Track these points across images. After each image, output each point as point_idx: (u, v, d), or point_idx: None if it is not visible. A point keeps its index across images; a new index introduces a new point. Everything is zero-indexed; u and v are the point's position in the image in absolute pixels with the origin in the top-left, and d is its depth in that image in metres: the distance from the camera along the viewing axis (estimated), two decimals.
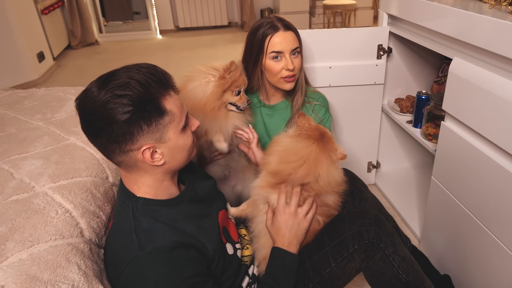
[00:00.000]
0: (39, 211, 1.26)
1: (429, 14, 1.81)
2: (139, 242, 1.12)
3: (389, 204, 2.60)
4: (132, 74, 1.09)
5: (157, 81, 1.12)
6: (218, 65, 1.65)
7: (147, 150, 1.14)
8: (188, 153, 1.26)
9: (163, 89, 1.14)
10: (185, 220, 1.24)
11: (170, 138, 1.17)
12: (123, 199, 1.23)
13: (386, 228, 1.41)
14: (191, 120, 1.27)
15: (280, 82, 1.80)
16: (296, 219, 1.42)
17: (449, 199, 1.78)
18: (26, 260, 1.08)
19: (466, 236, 1.72)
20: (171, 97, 1.15)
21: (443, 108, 1.72)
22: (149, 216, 1.19)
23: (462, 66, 1.59)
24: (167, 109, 1.13)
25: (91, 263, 1.17)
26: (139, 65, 1.15)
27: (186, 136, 1.22)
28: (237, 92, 1.66)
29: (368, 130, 2.59)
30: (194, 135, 1.29)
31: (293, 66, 1.75)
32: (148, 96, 1.09)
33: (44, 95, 2.37)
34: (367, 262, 1.40)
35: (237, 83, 1.64)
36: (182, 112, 1.20)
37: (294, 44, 1.76)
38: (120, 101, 1.05)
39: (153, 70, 1.13)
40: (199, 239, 1.23)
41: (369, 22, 7.10)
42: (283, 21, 1.78)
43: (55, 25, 6.11)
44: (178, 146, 1.20)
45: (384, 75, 2.38)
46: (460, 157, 1.66)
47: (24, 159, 1.58)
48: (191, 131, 1.25)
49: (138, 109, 1.07)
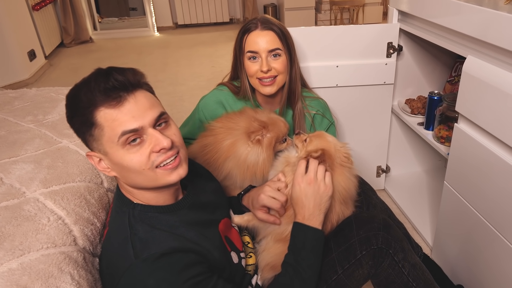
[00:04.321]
0: (30, 218, 1.26)
1: (441, 10, 1.82)
2: (135, 251, 1.12)
3: (399, 210, 2.60)
4: (89, 77, 1.10)
5: (104, 90, 1.06)
6: (252, 122, 1.59)
7: (93, 157, 1.15)
8: (145, 178, 1.15)
9: (108, 99, 1.06)
10: (186, 226, 1.23)
11: (107, 152, 1.11)
12: (119, 205, 1.23)
13: (395, 233, 1.40)
14: (155, 139, 1.12)
15: (258, 85, 1.79)
16: (316, 185, 1.37)
17: (463, 205, 1.78)
18: (16, 270, 1.08)
19: (481, 245, 1.72)
20: (113, 107, 1.06)
21: (457, 109, 1.72)
22: (147, 224, 1.18)
23: (477, 65, 1.59)
24: (97, 121, 1.07)
25: (85, 273, 1.17)
26: (102, 69, 1.11)
27: (134, 155, 1.10)
28: (284, 140, 1.64)
29: (377, 133, 2.59)
30: (164, 154, 1.14)
31: (267, 68, 1.72)
32: (77, 104, 1.09)
33: (36, 96, 2.37)
34: (375, 269, 1.39)
35: (283, 133, 1.61)
36: (122, 125, 1.07)
37: (271, 45, 1.73)
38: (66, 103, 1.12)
39: (105, 77, 1.06)
40: (202, 244, 1.22)
41: (378, 19, 7.11)
42: (266, 20, 1.75)
43: (47, 21, 6.14)
44: (123, 165, 1.12)
45: (394, 75, 2.38)
46: (475, 161, 1.66)
47: (14, 163, 1.58)
48: (154, 151, 1.12)
49: (70, 115, 1.11)
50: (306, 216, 1.36)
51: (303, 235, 1.36)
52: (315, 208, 1.36)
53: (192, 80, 5.15)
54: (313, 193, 1.36)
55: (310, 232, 1.36)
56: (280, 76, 1.78)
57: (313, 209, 1.36)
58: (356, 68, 2.32)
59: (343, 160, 1.47)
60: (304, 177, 1.37)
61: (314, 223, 1.36)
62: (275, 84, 1.78)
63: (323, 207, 1.38)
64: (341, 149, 1.49)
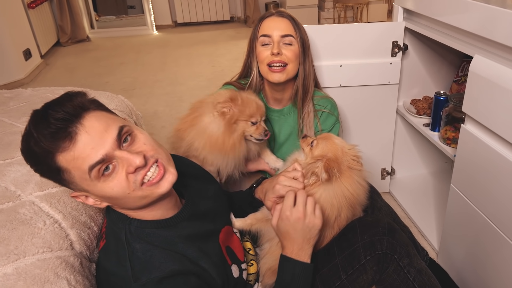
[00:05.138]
0: (26, 222, 1.26)
1: (448, 8, 1.82)
2: (133, 272, 1.10)
3: (405, 214, 2.60)
4: (29, 125, 1.04)
5: (50, 136, 0.99)
6: (224, 94, 1.67)
7: (79, 196, 1.12)
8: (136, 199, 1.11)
9: (58, 143, 1.00)
10: (184, 242, 1.21)
11: (88, 190, 1.08)
12: (115, 220, 1.20)
13: (401, 238, 1.40)
14: (125, 160, 1.07)
15: (267, 72, 1.81)
16: (306, 219, 1.33)
17: (470, 208, 1.78)
18: (11, 275, 1.08)
19: (488, 249, 1.72)
20: (67, 149, 1.00)
21: (463, 110, 1.72)
22: (144, 241, 1.16)
23: (484, 64, 1.59)
24: (60, 166, 1.02)
25: (81, 278, 1.17)
26: (38, 112, 1.05)
27: (112, 183, 1.06)
28: (253, 122, 1.68)
29: (381, 134, 2.59)
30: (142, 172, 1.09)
31: (277, 50, 1.76)
32: (34, 156, 1.03)
33: (31, 96, 2.38)
34: (380, 274, 1.39)
35: (251, 112, 1.66)
36: (86, 161, 1.02)
37: (285, 30, 1.79)
38: None
39: (44, 122, 1.00)
40: (201, 264, 1.20)
41: (383, 17, 7.12)
42: (283, 11, 1.84)
43: (43, 20, 6.14)
44: (107, 196, 1.09)
45: (399, 74, 2.38)
46: (482, 163, 1.65)
47: (9, 165, 1.58)
48: (130, 172, 1.07)
49: (34, 168, 1.06)
50: (295, 251, 1.34)
51: (291, 270, 1.34)
52: (304, 242, 1.34)
53: (192, 80, 5.15)
54: (302, 227, 1.33)
55: (299, 267, 1.34)
56: (291, 65, 1.80)
57: (302, 243, 1.34)
58: (360, 68, 2.32)
59: (351, 163, 1.45)
60: (293, 211, 1.33)
61: (303, 258, 1.34)
62: (284, 72, 1.80)
63: (313, 240, 1.36)
64: (349, 151, 1.47)
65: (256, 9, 7.34)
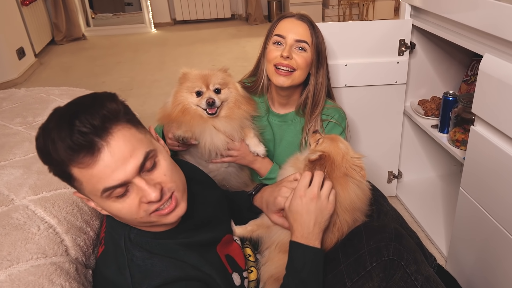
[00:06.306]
0: (19, 227, 1.26)
1: (457, 5, 1.81)
2: (133, 280, 1.10)
3: (412, 218, 2.59)
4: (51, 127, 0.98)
5: (70, 148, 0.94)
6: None
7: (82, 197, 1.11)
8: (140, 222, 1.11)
9: (78, 157, 0.96)
10: (185, 250, 1.21)
11: (94, 201, 1.08)
12: (115, 227, 1.20)
13: (408, 244, 1.39)
14: (142, 191, 1.04)
15: (273, 72, 1.81)
16: (319, 202, 1.34)
17: (480, 212, 1.77)
18: (4, 282, 1.08)
19: (499, 254, 1.72)
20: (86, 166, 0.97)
21: (473, 110, 1.72)
22: (144, 249, 1.16)
23: (494, 64, 1.59)
24: (74, 176, 1.00)
25: (77, 285, 1.17)
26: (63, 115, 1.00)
27: (122, 206, 1.05)
28: (197, 93, 1.72)
29: (388, 136, 2.59)
30: (149, 201, 1.06)
31: (287, 54, 1.75)
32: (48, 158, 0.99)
33: (25, 96, 2.38)
34: (386, 282, 1.38)
35: (192, 83, 1.73)
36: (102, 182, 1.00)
37: (301, 35, 1.78)
38: None
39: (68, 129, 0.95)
40: (204, 270, 1.20)
41: (390, 15, 7.12)
42: (305, 15, 1.84)
43: (37, 17, 6.16)
44: (112, 213, 1.10)
45: (406, 74, 2.38)
46: (492, 166, 1.65)
47: (2, 168, 1.59)
48: (143, 202, 1.05)
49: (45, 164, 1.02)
50: (305, 235, 1.34)
51: (302, 256, 1.34)
52: (315, 226, 1.34)
53: None
54: (315, 209, 1.33)
55: (310, 253, 1.34)
56: (298, 72, 1.80)
57: (313, 226, 1.34)
58: (366, 67, 2.32)
59: (349, 171, 1.45)
60: (307, 191, 1.34)
61: (313, 243, 1.34)
62: (290, 78, 1.79)
63: (323, 224, 1.36)
64: (351, 159, 1.47)
65: (258, 6, 7.35)
